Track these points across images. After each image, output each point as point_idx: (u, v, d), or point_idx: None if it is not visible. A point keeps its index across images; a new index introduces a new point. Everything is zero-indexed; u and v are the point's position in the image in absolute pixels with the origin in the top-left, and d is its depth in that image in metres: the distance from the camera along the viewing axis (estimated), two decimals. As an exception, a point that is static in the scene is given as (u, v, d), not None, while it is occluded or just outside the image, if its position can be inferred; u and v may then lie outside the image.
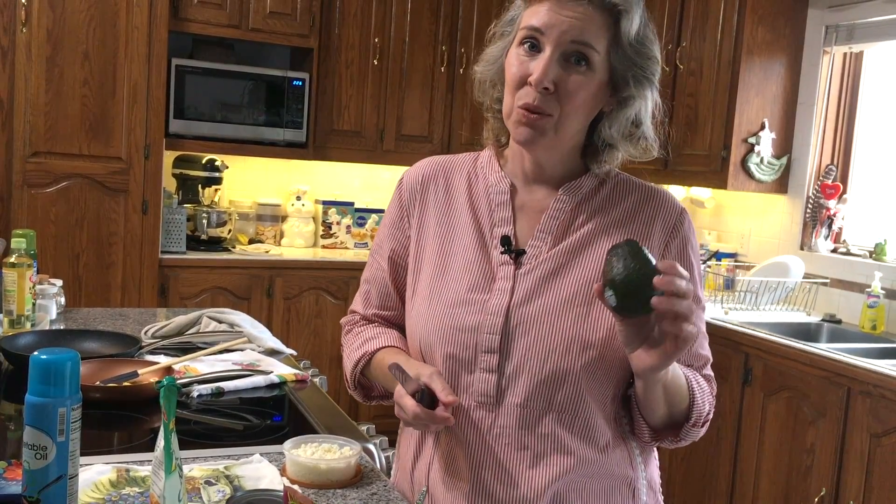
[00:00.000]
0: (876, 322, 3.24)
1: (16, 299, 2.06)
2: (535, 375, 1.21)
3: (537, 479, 1.22)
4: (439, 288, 1.29)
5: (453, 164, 1.39)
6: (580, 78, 1.19)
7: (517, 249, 1.27)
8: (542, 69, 1.18)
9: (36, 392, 1.01)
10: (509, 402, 1.22)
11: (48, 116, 3.63)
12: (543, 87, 1.18)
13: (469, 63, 4.57)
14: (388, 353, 1.34)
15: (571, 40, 1.18)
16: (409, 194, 1.38)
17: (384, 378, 1.34)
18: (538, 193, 1.31)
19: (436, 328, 1.26)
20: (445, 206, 1.35)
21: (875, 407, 2.65)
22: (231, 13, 4.07)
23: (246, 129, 4.20)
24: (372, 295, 1.42)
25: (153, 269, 3.85)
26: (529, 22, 1.21)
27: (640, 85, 1.23)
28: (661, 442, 1.31)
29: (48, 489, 1.01)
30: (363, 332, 1.41)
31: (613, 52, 1.21)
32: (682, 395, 1.24)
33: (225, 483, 1.26)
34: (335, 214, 4.62)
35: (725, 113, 3.69)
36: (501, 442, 1.23)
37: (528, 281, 1.25)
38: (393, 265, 1.38)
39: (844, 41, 3.63)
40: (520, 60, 1.21)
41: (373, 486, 1.31)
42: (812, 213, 3.71)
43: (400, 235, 1.38)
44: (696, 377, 1.27)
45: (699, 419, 1.26)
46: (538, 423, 1.22)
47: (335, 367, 4.22)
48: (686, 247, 1.29)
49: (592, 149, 1.30)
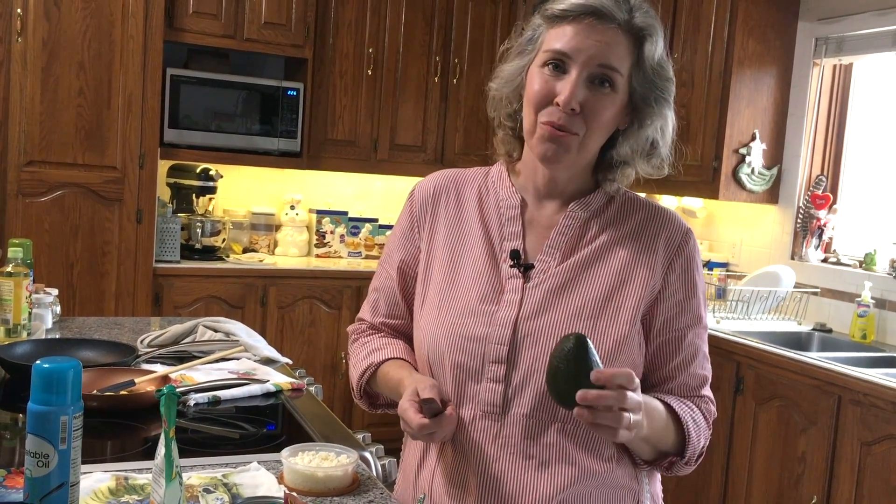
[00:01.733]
0: (866, 331, 3.27)
1: (12, 308, 2.07)
2: (542, 387, 1.23)
3: (542, 490, 1.23)
4: (448, 298, 1.30)
5: (465, 177, 1.42)
6: (605, 99, 1.22)
7: (526, 264, 1.29)
8: (569, 91, 1.20)
9: (38, 400, 1.02)
10: (515, 413, 1.24)
11: (43, 126, 3.63)
12: (570, 108, 1.20)
13: (462, 73, 4.60)
14: (392, 366, 1.36)
15: (599, 64, 1.21)
16: (420, 206, 1.40)
17: (388, 390, 1.37)
18: (548, 209, 1.33)
19: (445, 337, 1.28)
20: (456, 218, 1.37)
21: (865, 415, 2.68)
22: (226, 23, 4.09)
23: (240, 139, 4.21)
24: (380, 304, 1.44)
25: (147, 278, 3.86)
26: (555, 45, 1.23)
27: (660, 105, 1.27)
28: (653, 469, 1.33)
29: (50, 497, 1.02)
30: (369, 342, 1.43)
31: (636, 74, 1.24)
32: (666, 437, 1.27)
33: (223, 491, 1.27)
34: (329, 224, 4.63)
35: (717, 124, 3.72)
36: (506, 452, 1.24)
37: (536, 294, 1.27)
38: (402, 275, 1.40)
39: (834, 53, 3.67)
40: (544, 80, 1.23)
41: (369, 493, 1.32)
42: (802, 223, 3.74)
43: (410, 246, 1.40)
44: (692, 413, 1.29)
45: (692, 457, 1.29)
46: (543, 434, 1.24)
47: (329, 375, 4.22)
48: (690, 265, 1.31)
49: (605, 165, 1.32)
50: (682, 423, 1.26)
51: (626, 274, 1.28)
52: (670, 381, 1.31)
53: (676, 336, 1.30)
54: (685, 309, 1.30)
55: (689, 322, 1.30)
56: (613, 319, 1.25)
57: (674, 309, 1.29)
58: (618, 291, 1.27)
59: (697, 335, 1.32)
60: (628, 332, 1.25)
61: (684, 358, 1.30)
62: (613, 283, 1.27)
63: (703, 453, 1.32)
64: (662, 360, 1.30)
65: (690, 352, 1.31)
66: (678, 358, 1.30)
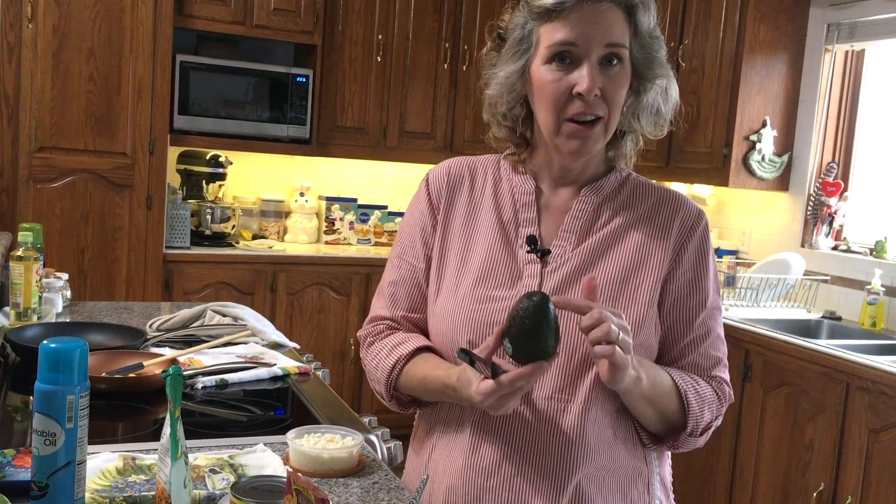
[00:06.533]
0: (876, 319, 3.25)
1: (23, 292, 2.09)
2: (563, 369, 1.23)
3: (561, 472, 1.23)
4: (465, 284, 1.30)
5: (477, 164, 1.41)
6: (618, 76, 1.24)
7: (542, 249, 1.30)
8: (589, 79, 1.20)
9: (45, 380, 1.03)
10: (537, 396, 1.24)
11: (54, 112, 3.65)
12: (594, 95, 1.21)
13: (472, 60, 4.58)
14: (426, 364, 1.30)
15: (607, 44, 1.22)
16: (436, 192, 1.39)
17: (422, 388, 1.30)
18: (563, 194, 1.34)
19: (463, 323, 1.27)
20: (470, 205, 1.37)
21: (874, 403, 2.67)
22: (235, 10, 4.09)
23: (250, 126, 4.22)
24: (399, 296, 1.38)
25: (157, 264, 3.88)
26: (557, 38, 1.22)
27: (661, 66, 1.28)
28: (661, 447, 1.33)
29: (57, 474, 1.03)
30: (388, 341, 1.35)
31: (635, 44, 1.25)
32: (670, 402, 1.26)
33: (229, 471, 1.29)
34: (338, 210, 4.64)
35: (727, 110, 3.70)
36: (527, 435, 1.24)
37: (554, 278, 1.27)
38: (429, 262, 1.37)
39: (846, 39, 3.64)
40: (556, 76, 1.23)
41: (374, 475, 1.33)
42: (813, 210, 3.72)
43: (429, 231, 1.38)
44: (696, 385, 1.28)
45: (696, 429, 1.28)
46: (562, 416, 1.24)
47: (338, 361, 4.24)
48: (703, 246, 1.32)
49: (613, 139, 1.33)
50: (680, 391, 1.26)
51: (642, 256, 1.28)
52: (681, 359, 1.31)
53: (688, 315, 1.30)
54: (697, 288, 1.30)
55: (700, 301, 1.30)
56: (631, 301, 1.26)
57: (685, 288, 1.30)
58: (634, 273, 1.27)
59: (710, 315, 1.31)
60: (646, 314, 1.26)
61: (695, 337, 1.30)
62: (629, 265, 1.28)
63: (710, 428, 1.31)
64: (674, 340, 1.31)
65: (702, 332, 1.31)
66: (689, 337, 1.30)
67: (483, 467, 1.26)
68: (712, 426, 1.31)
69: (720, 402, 1.31)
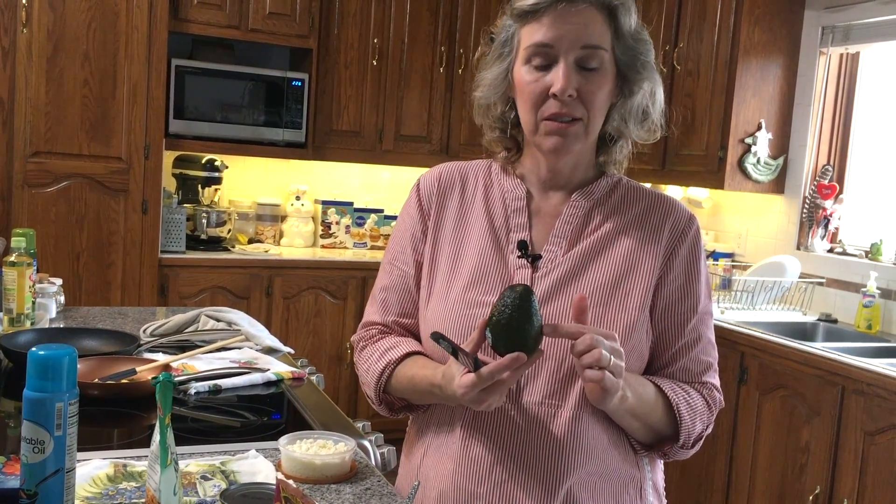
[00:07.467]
0: (871, 321, 3.26)
1: (16, 298, 2.08)
2: (553, 374, 1.23)
3: (552, 477, 1.23)
4: (456, 289, 1.30)
5: (468, 169, 1.41)
6: (597, 78, 1.23)
7: (533, 254, 1.30)
8: (563, 79, 1.21)
9: (34, 387, 1.03)
10: (527, 401, 1.24)
11: (48, 116, 3.65)
12: (568, 95, 1.21)
13: (467, 64, 4.59)
14: (414, 365, 1.31)
15: (582, 46, 1.22)
16: (426, 198, 1.39)
17: (410, 388, 1.31)
18: (553, 199, 1.34)
19: (453, 328, 1.27)
20: (461, 210, 1.37)
21: (869, 405, 2.67)
22: (230, 14, 4.09)
23: (245, 130, 4.22)
24: (390, 302, 1.39)
25: (153, 269, 3.87)
26: (534, 39, 1.23)
27: (646, 69, 1.28)
28: (651, 454, 1.32)
29: (46, 482, 1.02)
30: (379, 345, 1.37)
31: (618, 46, 1.25)
32: (656, 414, 1.26)
33: (221, 478, 1.28)
34: (334, 214, 4.64)
35: (722, 113, 3.71)
36: (517, 440, 1.24)
37: (545, 283, 1.27)
38: (419, 268, 1.37)
39: (841, 42, 3.64)
40: (533, 77, 1.24)
41: (367, 481, 1.32)
42: (808, 213, 3.72)
43: (420, 238, 1.38)
44: (687, 397, 1.28)
45: (688, 441, 1.28)
46: (553, 421, 1.23)
47: (334, 365, 4.24)
48: (694, 251, 1.32)
49: (602, 145, 1.33)
50: (671, 404, 1.26)
51: (633, 261, 1.28)
52: (671, 365, 1.31)
53: (679, 321, 1.30)
54: (688, 293, 1.30)
55: (691, 306, 1.30)
56: (622, 306, 1.25)
57: (677, 293, 1.29)
58: (625, 278, 1.27)
59: (701, 321, 1.31)
60: (637, 318, 1.25)
61: (686, 342, 1.30)
62: (620, 270, 1.28)
63: (701, 438, 1.31)
64: (665, 345, 1.31)
65: (693, 337, 1.30)
66: (680, 342, 1.30)
67: (474, 472, 1.26)
68: (703, 436, 1.31)
69: (710, 411, 1.32)
